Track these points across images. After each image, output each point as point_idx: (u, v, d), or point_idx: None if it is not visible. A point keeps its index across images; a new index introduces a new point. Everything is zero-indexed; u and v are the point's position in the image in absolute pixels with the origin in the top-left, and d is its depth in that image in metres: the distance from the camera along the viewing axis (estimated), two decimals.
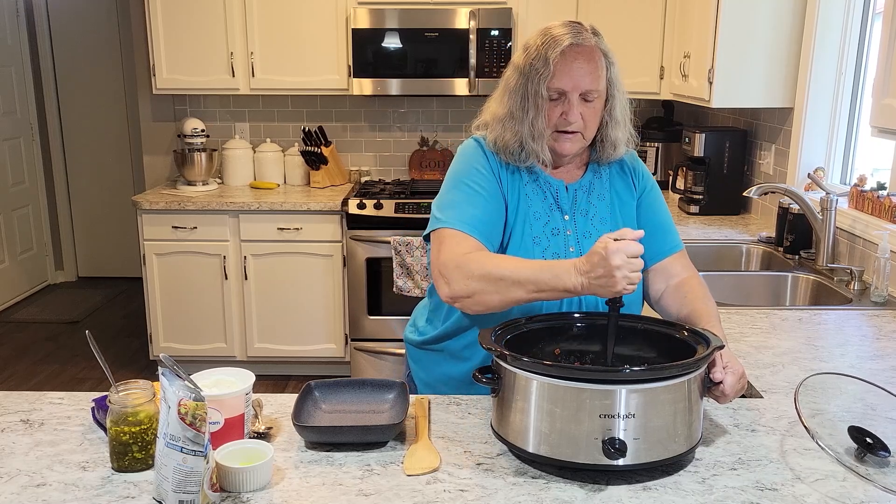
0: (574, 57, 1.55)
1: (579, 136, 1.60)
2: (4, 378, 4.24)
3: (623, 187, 1.71)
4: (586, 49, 1.57)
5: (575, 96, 1.57)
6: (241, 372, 1.38)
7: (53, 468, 1.29)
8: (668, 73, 3.72)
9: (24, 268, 5.55)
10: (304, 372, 4.17)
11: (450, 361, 1.72)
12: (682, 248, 1.72)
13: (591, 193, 1.68)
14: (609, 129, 1.64)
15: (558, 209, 1.64)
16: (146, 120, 4.54)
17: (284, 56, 4.04)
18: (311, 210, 3.89)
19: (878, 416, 1.50)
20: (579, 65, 1.56)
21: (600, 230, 1.64)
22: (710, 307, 1.59)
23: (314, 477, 1.26)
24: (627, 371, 1.26)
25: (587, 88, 1.56)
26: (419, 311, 1.85)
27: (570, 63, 1.55)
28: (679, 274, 1.68)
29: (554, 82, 1.56)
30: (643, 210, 1.71)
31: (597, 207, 1.67)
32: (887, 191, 2.52)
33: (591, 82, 1.56)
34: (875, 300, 2.27)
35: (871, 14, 2.86)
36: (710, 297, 1.64)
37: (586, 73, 1.56)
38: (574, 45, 1.56)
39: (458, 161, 1.68)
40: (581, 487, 1.22)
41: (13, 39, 5.37)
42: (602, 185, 1.69)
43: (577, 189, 1.67)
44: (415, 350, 1.82)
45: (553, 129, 1.59)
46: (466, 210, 1.58)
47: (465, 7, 3.89)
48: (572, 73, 1.55)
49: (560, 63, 1.55)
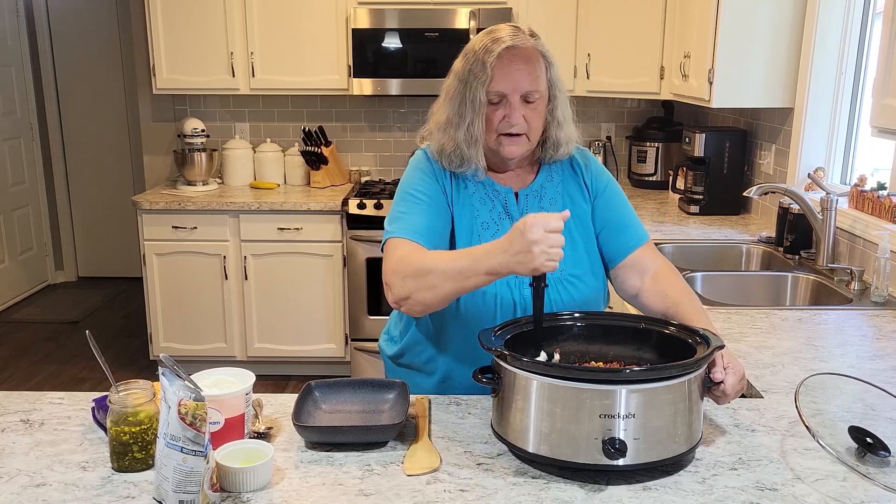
0: (511, 59, 1.55)
1: (524, 138, 1.60)
2: (4, 378, 4.24)
3: (575, 189, 1.70)
4: (523, 51, 1.57)
5: (515, 98, 1.56)
6: (241, 372, 1.38)
7: (53, 468, 1.29)
8: (668, 73, 3.72)
9: (24, 268, 5.55)
10: (304, 372, 4.16)
11: (418, 375, 1.73)
12: (648, 238, 1.71)
13: (543, 198, 1.67)
14: (552, 130, 1.64)
15: (508, 217, 1.64)
16: (146, 120, 4.54)
17: (284, 56, 4.04)
18: (311, 210, 3.89)
19: (878, 416, 1.50)
20: (517, 66, 1.55)
21: None
22: (693, 300, 1.60)
23: (314, 477, 1.26)
24: (627, 371, 1.26)
25: (527, 90, 1.56)
26: (392, 319, 1.85)
27: (507, 65, 1.55)
28: (650, 266, 1.67)
29: (493, 85, 1.56)
30: (600, 211, 1.69)
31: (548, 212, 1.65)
32: (887, 191, 2.52)
33: (530, 83, 1.56)
34: (875, 300, 2.27)
35: (871, 14, 2.86)
36: (689, 287, 1.65)
37: (525, 74, 1.56)
38: (511, 48, 1.56)
39: (405, 173, 1.70)
40: (581, 487, 1.22)
41: (13, 39, 5.37)
42: (554, 188, 1.68)
43: (528, 194, 1.67)
44: (388, 362, 1.82)
45: (497, 132, 1.59)
46: (411, 219, 1.59)
47: (465, 7, 3.89)
48: (511, 76, 1.55)
49: (497, 66, 1.55)
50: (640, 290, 1.66)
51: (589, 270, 1.65)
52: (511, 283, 1.60)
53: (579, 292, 1.63)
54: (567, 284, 1.62)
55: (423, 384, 1.71)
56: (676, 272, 1.67)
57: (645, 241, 1.70)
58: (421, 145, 1.73)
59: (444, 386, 1.66)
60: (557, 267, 1.32)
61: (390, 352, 1.79)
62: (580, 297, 1.63)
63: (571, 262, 1.62)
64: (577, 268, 1.64)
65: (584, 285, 1.64)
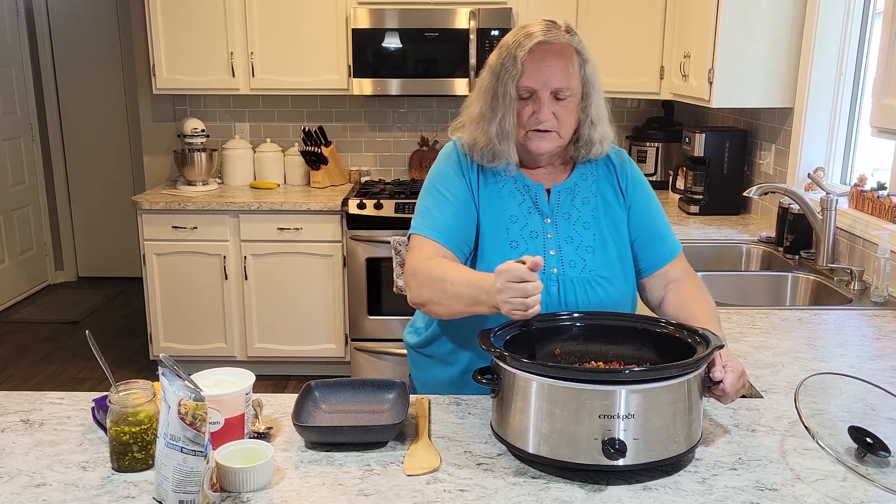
0: (543, 55, 1.54)
1: (554, 134, 1.58)
2: (4, 378, 4.24)
3: (609, 190, 1.68)
4: (556, 46, 1.55)
5: (545, 94, 1.55)
6: (241, 372, 1.38)
7: (53, 468, 1.29)
8: (668, 73, 3.72)
9: (24, 268, 5.55)
10: (304, 372, 4.16)
11: (440, 365, 1.73)
12: (680, 250, 1.71)
13: (576, 196, 1.66)
14: (584, 128, 1.62)
15: (538, 212, 1.63)
16: (146, 120, 4.54)
17: (284, 56, 4.04)
18: (311, 210, 3.89)
19: (878, 416, 1.50)
20: (548, 62, 1.54)
21: (583, 234, 1.63)
22: (708, 308, 1.59)
23: (314, 477, 1.26)
24: (627, 371, 1.26)
25: (557, 86, 1.55)
26: (418, 312, 1.85)
27: (538, 61, 1.54)
28: (678, 278, 1.68)
29: (523, 81, 1.55)
30: (636, 218, 1.68)
31: (580, 211, 1.64)
32: (887, 191, 2.52)
33: (561, 80, 1.55)
34: (875, 300, 2.27)
35: (871, 14, 2.86)
36: (709, 299, 1.64)
37: (556, 70, 1.54)
38: (543, 43, 1.54)
39: (434, 165, 1.70)
40: (581, 487, 1.22)
41: (13, 39, 5.37)
42: (587, 187, 1.67)
43: (561, 191, 1.65)
44: (411, 352, 1.83)
45: (525, 128, 1.58)
46: (435, 216, 1.60)
47: (465, 7, 3.89)
48: (541, 72, 1.54)
49: (528, 61, 1.54)
50: (663, 300, 1.67)
51: (619, 273, 1.64)
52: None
53: (608, 294, 1.61)
54: (595, 286, 1.61)
55: (444, 375, 1.71)
56: (702, 287, 1.66)
57: (677, 253, 1.70)
58: (452, 137, 1.71)
59: (465, 378, 1.66)
60: (528, 316, 1.31)
61: (413, 341, 1.80)
62: (608, 299, 1.61)
63: (602, 263, 1.62)
64: (608, 270, 1.62)
65: (613, 288, 1.62)
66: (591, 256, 1.61)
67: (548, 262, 1.60)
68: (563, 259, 1.60)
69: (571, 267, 1.60)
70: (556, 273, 1.60)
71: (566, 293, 1.58)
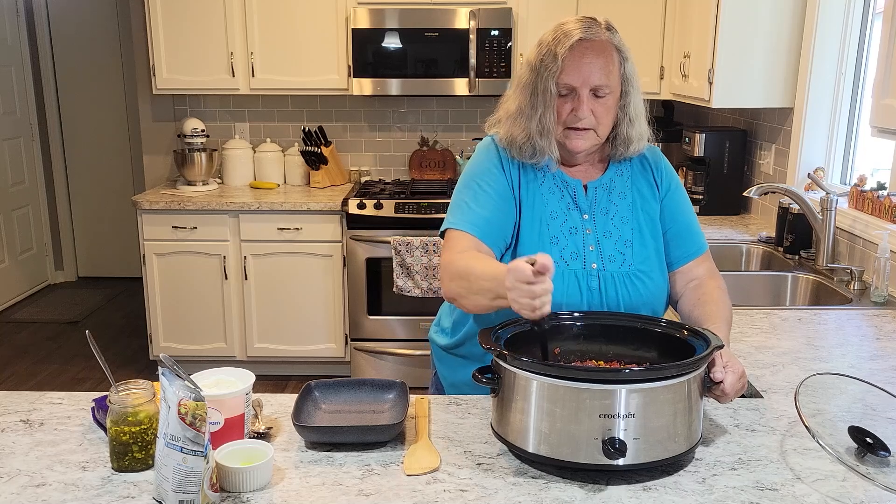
0: (583, 52, 1.53)
1: (591, 132, 1.58)
2: (4, 378, 4.24)
3: (645, 185, 1.68)
4: (596, 44, 1.55)
5: (585, 92, 1.54)
6: (241, 372, 1.38)
7: (53, 468, 1.29)
8: (668, 73, 3.72)
9: (24, 268, 5.55)
10: (304, 372, 4.16)
11: (475, 364, 1.71)
12: (707, 249, 1.71)
13: (612, 192, 1.65)
14: (623, 126, 1.62)
15: (576, 208, 1.63)
16: (146, 120, 4.54)
17: (284, 56, 4.03)
18: (311, 210, 3.89)
19: (878, 416, 1.50)
20: (589, 60, 1.53)
21: (621, 229, 1.63)
22: (720, 310, 1.58)
23: (314, 477, 1.26)
24: (627, 371, 1.26)
25: (597, 84, 1.54)
26: (443, 311, 1.84)
27: (578, 58, 1.53)
28: (700, 276, 1.68)
29: (563, 77, 1.54)
30: (667, 212, 1.68)
31: (618, 206, 1.64)
32: (887, 191, 2.52)
33: (600, 77, 1.54)
34: (875, 300, 2.27)
35: (871, 14, 2.86)
36: (727, 300, 1.63)
37: (596, 68, 1.54)
38: (583, 40, 1.54)
39: (471, 160, 1.69)
40: (581, 487, 1.22)
41: (13, 39, 5.37)
42: (624, 183, 1.67)
43: (598, 187, 1.65)
44: (440, 352, 1.81)
45: (564, 125, 1.57)
46: (472, 210, 1.59)
47: (465, 7, 3.89)
48: (581, 69, 1.53)
49: (569, 58, 1.53)
50: (683, 295, 1.67)
51: (657, 267, 1.64)
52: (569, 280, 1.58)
53: (647, 289, 1.61)
54: (636, 280, 1.60)
55: None
56: (722, 289, 1.66)
57: (703, 251, 1.70)
58: (489, 133, 1.70)
59: None
60: (536, 317, 1.29)
61: (444, 342, 1.78)
62: (647, 293, 1.61)
63: (641, 257, 1.61)
64: (646, 264, 1.62)
65: (652, 282, 1.62)
66: (629, 251, 1.61)
67: (588, 257, 1.60)
68: (603, 254, 1.60)
69: (611, 262, 1.60)
70: (596, 268, 1.59)
71: (607, 288, 1.58)
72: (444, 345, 1.78)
